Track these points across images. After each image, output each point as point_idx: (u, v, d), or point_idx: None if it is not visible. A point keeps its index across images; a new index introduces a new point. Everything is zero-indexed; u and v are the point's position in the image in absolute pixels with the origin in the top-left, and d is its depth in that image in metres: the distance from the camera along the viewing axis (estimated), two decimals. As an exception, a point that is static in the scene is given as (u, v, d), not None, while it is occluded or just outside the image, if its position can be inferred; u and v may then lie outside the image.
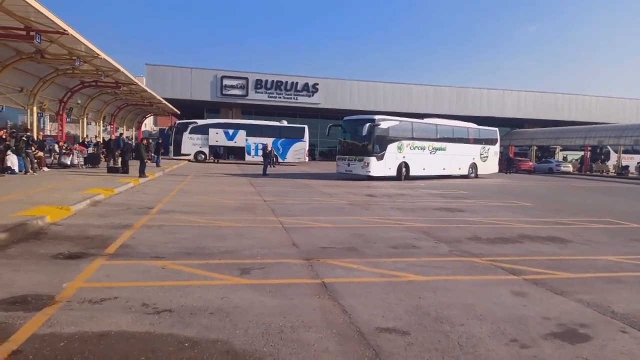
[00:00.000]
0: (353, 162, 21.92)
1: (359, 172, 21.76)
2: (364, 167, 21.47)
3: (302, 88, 50.13)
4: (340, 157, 22.98)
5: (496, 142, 29.96)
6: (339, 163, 23.05)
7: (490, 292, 4.88)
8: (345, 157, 22.55)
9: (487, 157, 28.79)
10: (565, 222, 10.09)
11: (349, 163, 22.15)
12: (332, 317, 4.02)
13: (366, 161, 21.37)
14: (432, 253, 6.63)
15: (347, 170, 22.29)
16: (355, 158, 21.82)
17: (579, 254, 6.89)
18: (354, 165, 21.89)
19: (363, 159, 21.50)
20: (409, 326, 3.86)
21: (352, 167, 21.96)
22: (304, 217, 9.61)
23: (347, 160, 22.32)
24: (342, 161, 22.80)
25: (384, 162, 21.84)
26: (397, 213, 10.81)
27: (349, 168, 22.18)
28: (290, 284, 4.94)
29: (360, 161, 21.61)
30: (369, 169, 21.38)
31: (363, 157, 21.52)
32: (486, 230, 8.67)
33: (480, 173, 28.03)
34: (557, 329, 3.89)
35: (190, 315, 3.93)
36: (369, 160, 21.36)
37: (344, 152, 22.86)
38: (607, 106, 56.43)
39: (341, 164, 22.78)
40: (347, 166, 22.28)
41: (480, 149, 28.32)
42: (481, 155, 28.29)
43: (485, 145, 28.64)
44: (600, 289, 5.05)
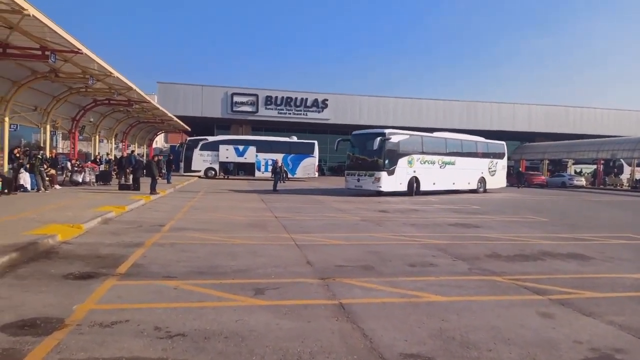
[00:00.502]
0: (363, 177, 21.31)
1: (369, 187, 21.19)
2: (375, 182, 20.86)
3: (311, 104, 50.35)
4: (350, 173, 22.36)
5: (504, 155, 29.63)
6: (348, 178, 22.41)
7: (516, 313, 4.66)
8: (354, 172, 21.91)
9: (495, 172, 28.38)
10: (584, 238, 9.81)
11: (358, 178, 21.53)
12: (352, 341, 3.84)
13: (377, 176, 20.79)
14: (451, 271, 6.42)
15: (357, 186, 21.69)
16: (366, 173, 21.24)
17: (603, 271, 6.63)
18: (364, 180, 21.27)
19: (374, 174, 20.91)
20: (434, 352, 3.66)
21: (362, 182, 21.34)
22: (317, 234, 9.45)
23: (356, 176, 21.69)
24: (351, 176, 22.17)
25: (394, 177, 21.29)
26: (411, 229, 10.61)
27: (358, 183, 21.56)
28: (307, 305, 4.77)
29: (370, 176, 21.02)
30: (380, 184, 20.80)
31: (374, 172, 20.93)
32: (505, 247, 8.44)
33: (488, 187, 27.60)
34: (591, 354, 3.67)
35: (205, 339, 3.77)
36: (380, 175, 20.78)
37: (353, 167, 22.22)
38: (619, 119, 55.85)
39: (350, 179, 22.15)
40: (356, 181, 21.66)
41: (488, 162, 27.91)
42: (489, 170, 27.88)
43: (493, 159, 28.26)
44: (631, 309, 4.81)
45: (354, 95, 52.43)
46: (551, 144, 51.21)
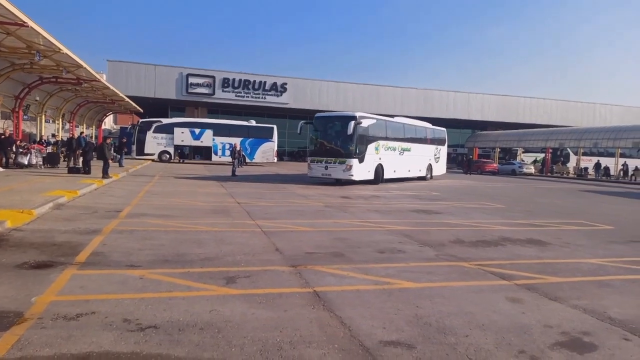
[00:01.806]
0: (332, 165, 19.26)
1: (339, 176, 19.32)
2: (346, 170, 19.02)
3: (270, 87, 49.67)
4: (315, 159, 20.01)
5: (445, 142, 29.41)
6: (312, 166, 20.00)
7: (487, 299, 4.77)
8: (321, 159, 19.70)
9: (439, 158, 28.11)
10: (540, 224, 10.23)
11: (326, 166, 19.41)
12: (331, 330, 3.79)
13: (349, 164, 18.95)
14: (420, 257, 6.51)
15: (325, 175, 19.62)
16: (336, 160, 19.21)
17: (561, 257, 6.93)
18: (333, 168, 19.27)
19: (345, 162, 19.01)
20: (413, 338, 3.68)
21: (331, 170, 19.32)
22: (282, 221, 9.33)
23: (324, 163, 19.53)
24: (317, 164, 19.85)
25: (365, 165, 19.75)
26: (376, 215, 10.69)
27: (326, 172, 19.47)
28: (281, 293, 4.68)
29: (341, 164, 19.07)
30: (352, 172, 19.03)
31: (345, 160, 19.03)
32: (467, 233, 8.66)
33: (434, 174, 27.37)
34: (561, 337, 3.80)
35: (179, 331, 3.61)
36: (352, 162, 18.99)
37: (319, 153, 19.96)
38: (566, 109, 58.75)
39: (316, 167, 19.85)
40: (324, 169, 19.50)
41: (434, 149, 27.49)
42: (435, 156, 27.46)
43: (437, 146, 27.93)
44: (592, 293, 5.04)
45: (314, 80, 52.14)
46: (503, 132, 53.27)
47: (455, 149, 60.60)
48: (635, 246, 8.01)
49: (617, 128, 40.56)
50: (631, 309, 4.56)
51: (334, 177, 19.56)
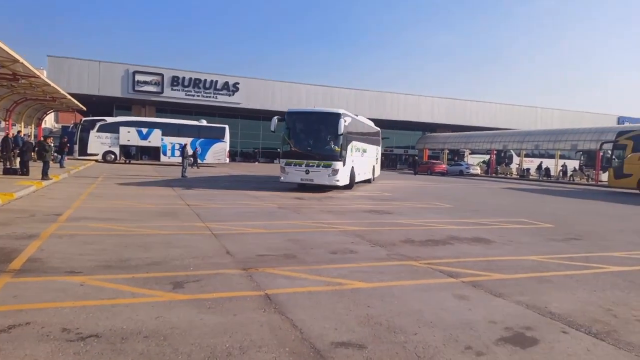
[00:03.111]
0: (315, 169, 16.68)
1: (323, 181, 16.78)
2: (332, 175, 16.59)
3: (222, 87, 48.94)
4: (293, 162, 17.05)
5: (380, 142, 27.84)
6: (289, 170, 17.12)
7: (435, 296, 4.87)
8: (301, 162, 16.86)
9: (378, 159, 26.70)
10: (485, 223, 10.63)
11: (307, 170, 16.73)
12: (282, 333, 3.74)
13: (334, 167, 16.58)
14: (371, 257, 6.57)
15: (306, 180, 17.02)
16: (319, 164, 16.68)
17: (505, 254, 7.21)
18: (316, 172, 16.68)
19: (330, 165, 16.58)
20: (364, 339, 3.69)
21: (314, 175, 16.71)
22: (234, 223, 9.17)
23: (304, 167, 16.78)
24: (294, 167, 16.98)
25: (345, 168, 17.45)
26: (329, 216, 10.73)
27: (307, 177, 16.83)
28: (231, 297, 4.57)
29: (326, 167, 16.60)
30: (338, 177, 16.68)
31: (330, 163, 16.61)
32: (417, 233, 8.85)
33: (375, 176, 25.83)
34: (505, 333, 3.94)
35: (122, 340, 3.44)
36: (337, 166, 16.66)
37: (297, 155, 16.98)
38: (510, 113, 61.64)
39: (294, 171, 17.02)
40: (304, 174, 16.82)
41: (377, 149, 26.13)
42: (376, 158, 25.79)
43: (378, 147, 26.74)
44: (533, 289, 5.27)
45: (267, 80, 51.85)
46: (451, 135, 55.14)
47: (407, 150, 62.20)
48: (572, 243, 8.47)
49: (557, 131, 42.98)
50: (569, 303, 4.80)
51: (316, 182, 16.93)
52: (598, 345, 3.73)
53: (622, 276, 6.01)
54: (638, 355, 3.58)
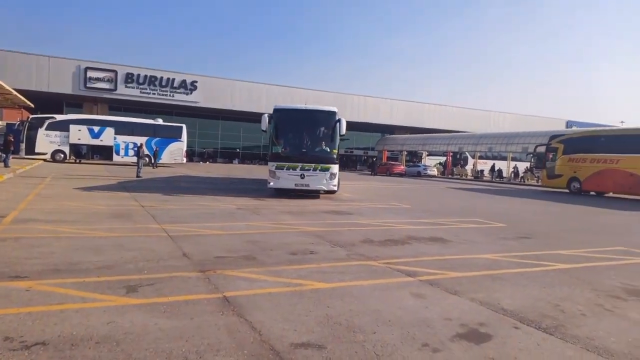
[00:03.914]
0: (312, 173, 15.03)
1: (320, 186, 15.23)
2: (329, 179, 15.15)
3: (179, 85, 47.88)
4: (285, 166, 15.05)
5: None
6: (280, 174, 15.06)
7: (393, 295, 4.94)
8: (295, 165, 15.01)
9: None
10: (442, 223, 10.89)
11: (303, 174, 14.96)
12: (240, 335, 3.68)
13: (332, 171, 15.18)
14: (331, 258, 6.58)
15: (300, 185, 15.14)
16: (316, 167, 15.05)
17: (460, 253, 7.41)
18: (312, 177, 15.04)
19: (329, 169, 15.11)
20: (324, 339, 3.69)
21: (310, 179, 15.05)
22: (191, 224, 8.96)
23: (299, 170, 14.98)
24: (287, 171, 15.04)
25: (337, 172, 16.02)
26: (288, 217, 10.68)
27: (303, 181, 15.05)
28: (188, 300, 4.45)
29: (323, 171, 15.06)
30: (334, 181, 15.36)
31: (329, 166, 15.12)
32: (376, 233, 8.95)
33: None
34: (460, 329, 4.04)
35: (71, 347, 3.28)
36: (335, 169, 15.32)
37: (291, 157, 15.19)
38: (465, 116, 63.63)
39: (287, 175, 15.05)
40: (299, 178, 15.00)
41: None
42: None
43: None
44: (487, 287, 5.43)
45: (226, 79, 51.14)
46: (409, 136, 56.38)
47: (366, 152, 63.00)
48: (523, 241, 8.81)
49: (509, 134, 44.75)
50: (520, 299, 4.98)
51: (312, 187, 15.34)
52: (547, 340, 3.89)
53: (568, 273, 6.31)
54: (583, 347, 3.75)
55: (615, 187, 23.72)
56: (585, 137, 26.90)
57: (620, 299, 5.15)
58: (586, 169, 24.65)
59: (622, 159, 22.85)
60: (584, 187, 24.90)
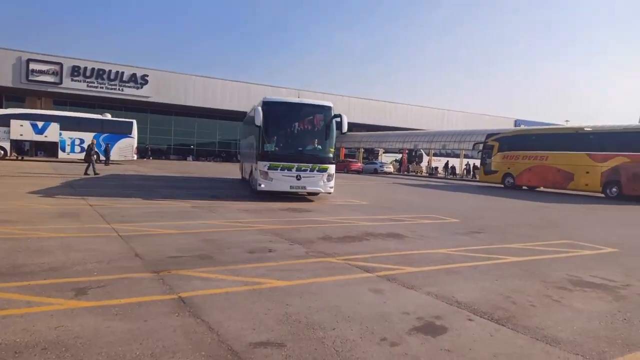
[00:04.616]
0: (308, 174, 13.76)
1: (317, 188, 14.05)
2: (327, 181, 13.98)
3: (129, 79, 46.20)
4: (279, 166, 13.58)
5: None
6: (274, 175, 13.56)
7: (352, 291, 4.97)
8: (291, 165, 13.62)
9: None
10: (399, 219, 11.09)
11: (299, 175, 13.66)
12: (197, 337, 3.58)
13: (330, 171, 14.04)
14: (290, 255, 6.55)
15: (296, 187, 13.85)
16: (314, 167, 13.80)
17: (417, 248, 7.56)
18: (309, 178, 13.79)
19: (327, 169, 13.98)
20: (283, 337, 3.66)
21: (307, 181, 13.79)
22: (143, 223, 8.66)
23: (295, 171, 13.63)
24: (282, 172, 13.59)
25: None
26: (245, 215, 10.54)
27: (299, 183, 13.76)
28: (141, 302, 4.29)
29: (321, 172, 13.88)
30: (332, 183, 14.20)
31: (327, 166, 14.00)
32: (334, 230, 8.99)
33: None
34: (417, 323, 4.11)
35: (15, 354, 3.09)
36: (333, 170, 14.18)
37: (285, 156, 13.78)
38: (420, 114, 65.14)
39: (281, 176, 13.61)
40: (295, 180, 13.67)
41: None
42: None
43: None
44: (442, 280, 5.57)
45: (179, 73, 49.80)
46: (366, 134, 57.06)
47: (323, 149, 63.15)
48: (476, 236, 9.11)
49: (461, 132, 46.21)
50: (473, 292, 5.14)
51: (309, 190, 14.16)
52: (500, 331, 4.03)
53: (519, 266, 6.58)
54: (533, 337, 3.92)
55: (545, 182, 25.67)
56: (517, 135, 28.95)
57: (566, 290, 5.42)
58: (519, 165, 26.49)
59: (551, 156, 24.79)
60: (517, 182, 26.74)
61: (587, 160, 23.02)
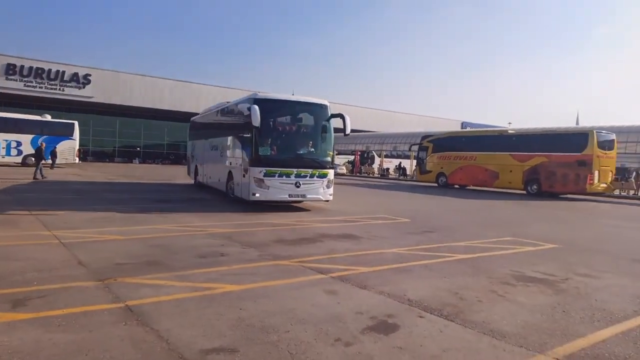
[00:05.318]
0: (308, 181, 12.31)
1: (317, 196, 12.66)
2: (326, 188, 12.69)
3: (70, 78, 44.08)
4: (276, 172, 12.01)
5: None
6: (271, 183, 11.98)
7: (306, 293, 4.97)
8: (289, 171, 12.09)
9: None
10: (352, 220, 11.21)
11: (298, 182, 12.17)
12: (147, 346, 3.46)
13: (329, 178, 12.76)
14: (243, 259, 6.46)
15: (295, 196, 12.33)
16: (314, 173, 12.39)
17: (370, 248, 7.67)
18: (309, 185, 12.35)
19: (326, 175, 12.67)
20: (236, 342, 3.60)
21: (306, 188, 12.33)
22: (87, 230, 8.27)
23: (293, 177, 12.14)
24: (279, 179, 12.04)
25: None
26: (196, 219, 10.29)
27: (298, 191, 12.24)
28: (86, 312, 4.09)
29: (321, 177, 12.54)
30: (331, 191, 12.92)
31: (326, 171, 12.70)
32: (288, 232, 8.97)
33: None
34: (371, 322, 4.18)
35: (-59, 377, 2.85)
36: (332, 176, 12.93)
37: (281, 161, 12.20)
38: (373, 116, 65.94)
39: (278, 184, 12.05)
40: (294, 187, 12.15)
41: None
42: None
43: None
44: (394, 279, 5.69)
45: (124, 73, 48.02)
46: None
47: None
48: (426, 235, 9.37)
49: (411, 134, 47.50)
50: (424, 290, 5.28)
51: (310, 198, 12.72)
52: (449, 326, 4.17)
53: (466, 263, 6.83)
54: (480, 331, 4.07)
55: (474, 181, 27.56)
56: (450, 137, 30.83)
57: (510, 285, 5.68)
58: (450, 165, 28.30)
59: (479, 156, 26.81)
60: (450, 180, 28.45)
61: (511, 160, 24.99)
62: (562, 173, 22.68)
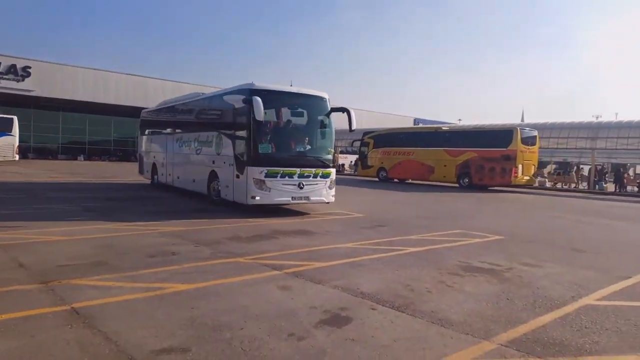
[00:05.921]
0: (312, 181, 11.36)
1: (320, 198, 11.69)
2: (329, 188, 11.84)
3: (7, 70, 41.41)
4: (278, 172, 10.89)
5: None
6: (272, 184, 10.84)
7: (260, 290, 4.96)
8: (292, 171, 11.04)
9: None
10: (307, 216, 11.25)
11: (301, 182, 11.13)
12: (94, 349, 3.35)
13: (332, 178, 11.91)
14: (195, 258, 6.35)
15: (298, 198, 11.26)
16: (317, 173, 11.46)
17: (324, 244, 7.74)
18: (312, 186, 11.40)
19: (329, 174, 11.82)
20: (188, 341, 3.55)
21: (310, 189, 11.34)
22: (27, 230, 7.85)
23: (296, 178, 11.08)
24: (282, 180, 10.94)
25: None
26: (146, 217, 9.99)
27: (301, 193, 11.21)
28: (28, 316, 3.90)
29: (324, 177, 11.66)
30: (333, 191, 12.04)
31: (329, 171, 11.85)
32: (243, 229, 8.88)
33: None
34: (324, 316, 4.23)
35: None
36: (334, 175, 12.08)
37: (283, 160, 11.15)
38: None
39: (281, 185, 10.95)
40: (297, 189, 11.10)
41: None
42: None
43: None
44: (348, 273, 5.77)
45: (67, 65, 45.56)
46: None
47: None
48: (379, 230, 9.55)
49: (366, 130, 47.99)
50: (376, 283, 5.40)
51: (313, 200, 11.62)
52: (400, 317, 4.29)
53: (417, 256, 7.03)
54: (429, 320, 4.22)
55: (411, 175, 29.03)
56: (389, 133, 32.04)
57: (458, 276, 5.91)
58: (390, 160, 29.55)
59: (416, 152, 28.26)
60: (390, 175, 29.65)
61: (445, 155, 26.47)
62: (490, 167, 24.29)
